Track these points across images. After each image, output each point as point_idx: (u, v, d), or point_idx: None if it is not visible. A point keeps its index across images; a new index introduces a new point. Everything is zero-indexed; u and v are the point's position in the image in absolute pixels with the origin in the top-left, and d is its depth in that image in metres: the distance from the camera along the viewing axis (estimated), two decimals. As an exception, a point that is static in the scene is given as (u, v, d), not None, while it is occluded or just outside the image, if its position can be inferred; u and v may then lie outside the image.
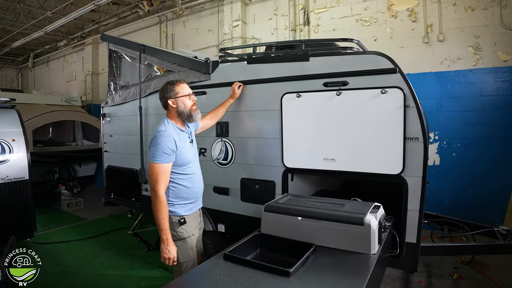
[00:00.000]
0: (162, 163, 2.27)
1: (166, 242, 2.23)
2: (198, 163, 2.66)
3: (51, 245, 4.92)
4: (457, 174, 4.90)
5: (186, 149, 2.44)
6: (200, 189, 2.63)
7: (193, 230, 2.49)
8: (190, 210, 2.49)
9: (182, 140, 2.41)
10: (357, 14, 5.67)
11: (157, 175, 2.25)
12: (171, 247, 2.24)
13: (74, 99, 9.17)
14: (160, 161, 2.26)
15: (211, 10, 7.55)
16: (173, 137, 2.32)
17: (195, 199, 2.55)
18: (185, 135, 2.49)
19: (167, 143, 2.27)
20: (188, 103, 2.44)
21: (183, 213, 2.43)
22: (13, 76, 13.63)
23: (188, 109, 2.43)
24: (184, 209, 2.45)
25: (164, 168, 2.28)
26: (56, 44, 10.84)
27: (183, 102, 2.43)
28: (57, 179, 7.57)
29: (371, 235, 1.80)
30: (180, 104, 2.42)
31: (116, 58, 4.72)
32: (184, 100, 2.43)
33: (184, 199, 2.44)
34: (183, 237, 2.41)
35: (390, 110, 2.38)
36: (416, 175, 2.39)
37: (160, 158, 2.26)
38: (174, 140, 2.32)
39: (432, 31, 5.02)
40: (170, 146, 2.28)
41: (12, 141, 4.06)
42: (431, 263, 3.91)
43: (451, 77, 4.92)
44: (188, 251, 2.43)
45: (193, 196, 2.51)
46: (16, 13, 8.12)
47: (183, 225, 2.41)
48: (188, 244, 2.43)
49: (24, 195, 4.18)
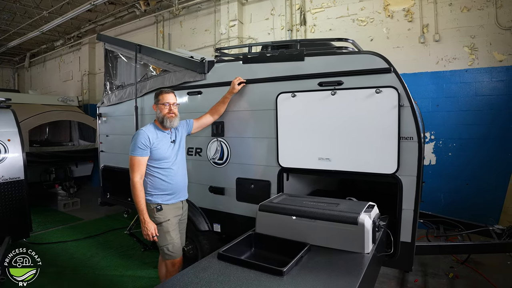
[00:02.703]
0: (137, 155, 2.63)
1: (144, 221, 2.59)
2: (181, 160, 2.92)
3: (47, 245, 4.89)
4: (453, 173, 4.92)
5: (162, 146, 2.74)
6: (180, 183, 2.88)
7: (169, 216, 2.77)
8: (168, 201, 2.78)
9: (159, 138, 2.74)
10: (353, 14, 5.68)
11: (133, 166, 2.63)
12: (149, 225, 2.59)
13: (70, 99, 9.13)
14: (135, 154, 2.63)
15: (208, 10, 7.55)
16: (147, 135, 2.67)
17: (173, 191, 2.80)
18: (165, 136, 2.81)
19: (140, 139, 2.64)
20: (164, 110, 2.77)
21: (160, 202, 2.74)
22: (9, 76, 13.55)
23: (161, 115, 2.77)
24: (162, 199, 2.75)
25: (139, 160, 2.63)
26: (52, 44, 10.79)
27: (160, 109, 2.79)
28: (54, 179, 7.53)
29: (364, 234, 1.81)
30: (158, 110, 2.80)
31: (112, 58, 4.71)
32: (161, 107, 2.78)
33: (161, 190, 2.74)
34: (159, 221, 2.72)
35: (385, 110, 2.39)
36: (410, 174, 2.39)
37: (135, 151, 2.63)
38: (148, 137, 2.66)
39: (428, 31, 5.04)
40: (144, 142, 2.64)
41: (8, 141, 4.05)
42: (427, 262, 3.93)
43: (447, 77, 4.93)
44: (165, 235, 2.73)
45: (170, 188, 2.78)
46: (12, 13, 8.08)
47: (160, 211, 2.71)
48: (165, 228, 2.73)
49: (20, 195, 4.16)
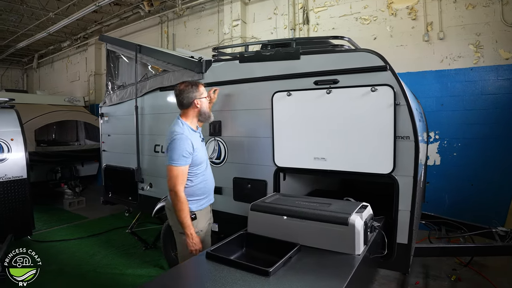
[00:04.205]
0: (180, 165, 2.33)
1: (191, 236, 2.35)
2: (208, 159, 2.72)
3: (50, 243, 4.94)
4: (458, 173, 4.83)
5: (200, 149, 2.51)
6: (212, 185, 2.70)
7: (202, 226, 2.58)
8: (202, 206, 2.57)
9: (196, 141, 2.47)
10: (356, 12, 5.62)
11: (176, 177, 2.32)
12: (196, 240, 2.37)
13: (76, 99, 9.24)
14: (179, 164, 2.32)
15: (211, 10, 7.56)
16: (190, 140, 2.38)
17: (207, 194, 2.62)
18: (196, 135, 2.55)
19: (185, 147, 2.33)
20: (207, 104, 2.60)
21: (194, 209, 2.50)
22: (18, 77, 13.79)
23: (208, 110, 2.60)
24: (196, 205, 2.52)
25: (182, 170, 2.35)
26: (60, 45, 10.94)
27: (203, 103, 2.54)
28: (60, 178, 7.63)
29: (355, 235, 1.77)
30: (203, 105, 2.54)
31: (114, 58, 4.75)
32: (204, 101, 2.55)
33: (197, 195, 2.51)
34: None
35: (380, 108, 2.35)
36: (407, 174, 2.34)
37: (179, 161, 2.32)
38: (191, 143, 2.38)
39: (432, 29, 4.95)
40: (188, 149, 2.35)
41: (11, 140, 4.11)
42: (429, 264, 3.85)
43: (452, 76, 4.84)
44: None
45: (205, 192, 2.58)
46: (19, 15, 8.21)
47: (194, 221, 2.46)
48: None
49: (23, 193, 4.22)
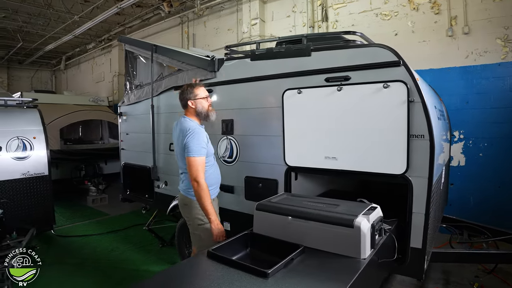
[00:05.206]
0: (201, 156, 2.50)
1: (215, 222, 2.46)
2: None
3: (72, 238, 5.13)
4: (484, 175, 4.57)
5: (209, 142, 2.70)
6: (219, 177, 2.86)
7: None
8: (213, 195, 2.70)
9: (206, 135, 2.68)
10: (376, 8, 5.45)
11: (197, 167, 2.47)
12: (220, 226, 2.48)
13: (101, 99, 9.54)
14: (199, 154, 2.49)
15: (230, 9, 7.58)
16: (205, 132, 2.64)
17: (216, 185, 2.78)
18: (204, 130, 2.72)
19: (203, 138, 2.56)
20: (205, 105, 2.70)
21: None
22: (47, 78, 14.46)
23: (205, 109, 2.69)
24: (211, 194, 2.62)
25: (202, 160, 2.52)
26: (85, 47, 11.35)
27: (201, 104, 2.68)
28: (83, 176, 7.89)
29: (361, 238, 1.69)
30: (199, 105, 2.67)
31: (131, 58, 4.85)
32: (202, 101, 2.68)
33: (210, 184, 2.59)
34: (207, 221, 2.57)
35: (393, 106, 2.24)
36: (421, 175, 2.23)
37: (199, 152, 2.49)
38: (206, 135, 2.64)
39: (457, 23, 4.71)
40: (205, 141, 2.58)
41: (33, 138, 4.29)
42: (450, 270, 3.67)
43: (478, 72, 4.59)
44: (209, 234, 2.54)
45: (215, 181, 2.76)
46: (46, 18, 8.59)
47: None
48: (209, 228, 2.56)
49: (44, 189, 4.40)
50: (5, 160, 4.16)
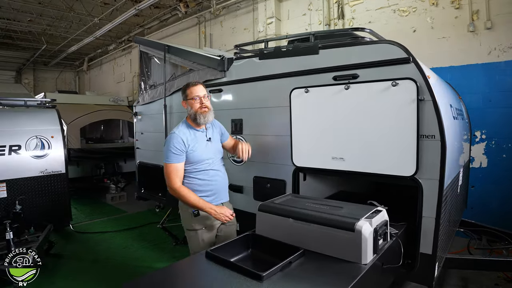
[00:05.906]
0: (172, 162, 2.35)
1: (214, 211, 2.35)
2: (220, 160, 2.64)
3: (89, 234, 5.26)
4: (507, 177, 4.33)
5: (199, 147, 2.45)
6: (222, 185, 2.62)
7: (205, 223, 2.47)
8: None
9: (195, 139, 2.44)
10: (394, 4, 5.28)
11: (169, 174, 2.35)
12: (221, 210, 2.38)
13: (120, 99, 9.77)
14: (170, 161, 2.35)
15: (246, 8, 7.57)
16: (181, 138, 2.37)
17: (212, 192, 2.51)
18: (201, 134, 2.50)
19: (174, 144, 2.34)
20: (194, 106, 2.46)
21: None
22: (71, 79, 15.00)
23: (193, 111, 2.46)
24: None
25: (175, 167, 2.35)
26: (106, 48, 11.66)
27: (190, 105, 2.48)
28: (103, 174, 8.10)
29: (362, 242, 1.63)
30: (188, 107, 2.50)
31: (146, 59, 4.94)
32: (191, 102, 2.47)
33: (198, 192, 2.42)
34: (195, 228, 2.45)
35: (402, 104, 2.15)
36: (432, 177, 2.13)
37: (170, 158, 2.35)
38: (182, 140, 2.37)
39: (479, 18, 4.49)
40: (178, 146, 2.35)
41: (51, 137, 4.44)
42: (468, 277, 3.50)
43: (501, 69, 4.35)
44: (199, 242, 2.45)
45: (209, 189, 2.48)
46: (69, 21, 8.90)
47: (197, 217, 2.42)
48: (199, 236, 2.46)
49: (61, 187, 4.54)
50: (24, 158, 4.31)
